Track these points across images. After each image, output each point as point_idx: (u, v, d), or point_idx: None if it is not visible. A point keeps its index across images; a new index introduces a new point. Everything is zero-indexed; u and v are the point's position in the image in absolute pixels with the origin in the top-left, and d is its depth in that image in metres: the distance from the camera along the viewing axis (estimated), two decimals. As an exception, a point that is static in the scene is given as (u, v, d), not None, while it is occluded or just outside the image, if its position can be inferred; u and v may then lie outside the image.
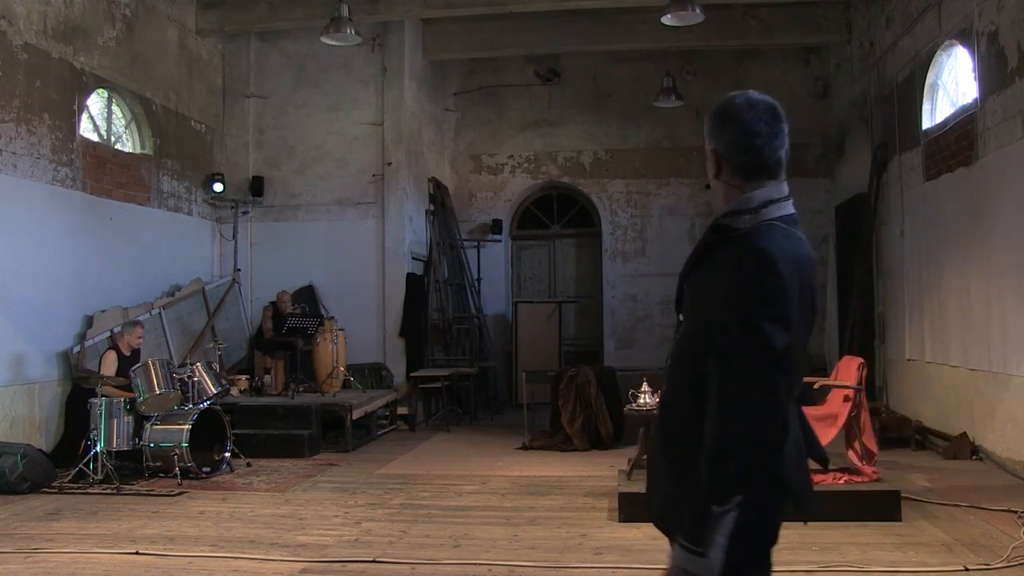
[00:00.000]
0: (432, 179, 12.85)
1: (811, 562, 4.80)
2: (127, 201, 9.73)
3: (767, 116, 2.11)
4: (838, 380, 6.60)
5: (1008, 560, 4.71)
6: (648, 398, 6.64)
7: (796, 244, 2.00)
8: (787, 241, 1.98)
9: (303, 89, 11.96)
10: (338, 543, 5.41)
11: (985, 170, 7.56)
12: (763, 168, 2.09)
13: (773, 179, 2.09)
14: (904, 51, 9.59)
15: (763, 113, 2.11)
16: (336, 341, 10.31)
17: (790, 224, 2.04)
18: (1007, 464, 7.24)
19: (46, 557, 5.16)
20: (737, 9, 11.57)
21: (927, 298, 9.01)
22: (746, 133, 2.08)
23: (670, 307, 13.12)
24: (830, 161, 13.20)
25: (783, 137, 2.12)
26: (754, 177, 2.08)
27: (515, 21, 11.93)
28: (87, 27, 9.11)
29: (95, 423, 7.22)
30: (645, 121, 13.61)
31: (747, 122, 2.09)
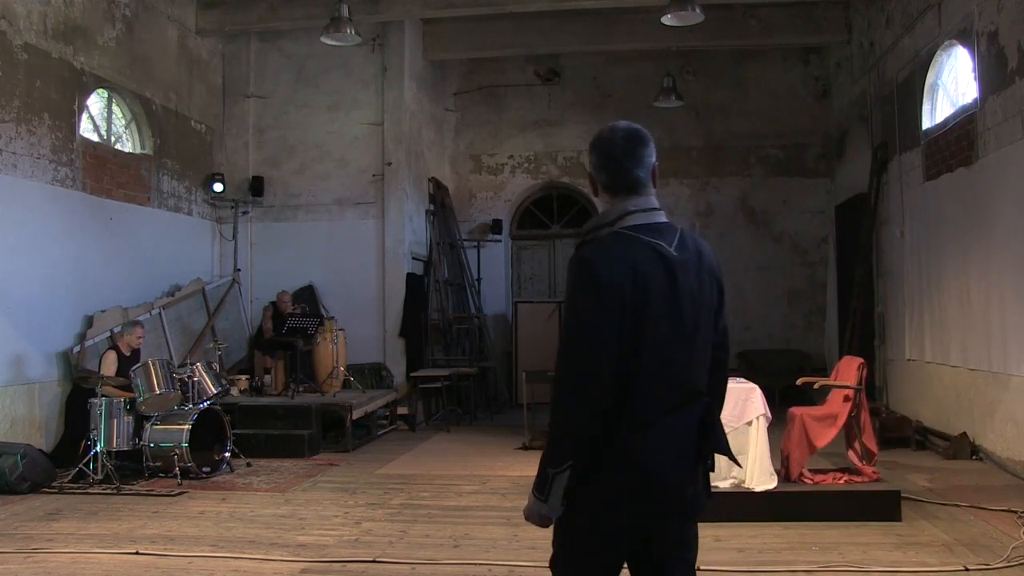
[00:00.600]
0: (432, 179, 12.85)
1: (811, 562, 4.80)
2: (127, 201, 9.73)
3: (624, 140, 2.43)
4: (838, 380, 6.60)
5: (1008, 560, 4.71)
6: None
7: (636, 250, 2.25)
8: (624, 248, 2.25)
9: (303, 89, 11.96)
10: (338, 543, 5.41)
11: (985, 170, 7.56)
12: (623, 185, 2.39)
13: (635, 194, 2.39)
14: (904, 51, 9.59)
15: (621, 138, 2.44)
16: (336, 341, 10.31)
17: (646, 232, 2.30)
18: (1007, 464, 7.24)
19: (46, 557, 5.16)
20: (737, 9, 11.57)
21: (927, 298, 9.01)
22: (604, 156, 2.42)
23: (670, 307, 12.99)
24: (830, 161, 13.21)
25: (641, 157, 2.42)
26: (618, 193, 2.40)
27: (515, 21, 11.93)
28: (87, 27, 9.11)
29: (95, 423, 7.22)
30: (645, 121, 13.08)
31: (606, 146, 2.43)
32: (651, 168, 2.44)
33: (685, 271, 2.30)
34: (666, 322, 2.24)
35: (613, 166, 2.41)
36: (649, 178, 2.43)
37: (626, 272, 2.21)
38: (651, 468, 2.22)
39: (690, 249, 2.36)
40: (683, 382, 2.29)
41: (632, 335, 2.20)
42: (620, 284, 2.19)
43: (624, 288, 2.19)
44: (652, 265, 2.25)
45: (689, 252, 2.35)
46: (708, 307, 2.37)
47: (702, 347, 2.36)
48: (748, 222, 13.53)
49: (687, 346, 2.29)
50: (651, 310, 2.22)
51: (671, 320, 2.25)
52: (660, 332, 2.23)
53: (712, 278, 2.40)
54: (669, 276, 2.26)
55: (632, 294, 2.20)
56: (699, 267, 2.35)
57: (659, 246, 2.29)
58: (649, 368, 2.22)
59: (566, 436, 2.21)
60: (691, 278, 2.32)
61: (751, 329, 13.38)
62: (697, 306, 2.32)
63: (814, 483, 6.05)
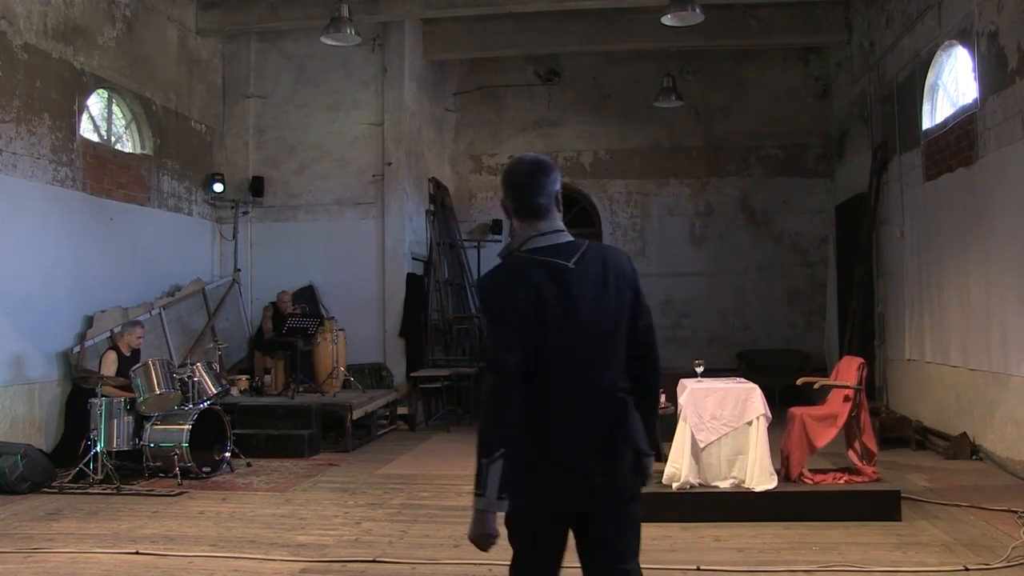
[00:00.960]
0: (432, 179, 12.85)
1: (811, 562, 4.80)
2: (127, 201, 9.73)
3: (527, 172, 2.65)
4: (838, 380, 6.60)
5: (1008, 560, 4.71)
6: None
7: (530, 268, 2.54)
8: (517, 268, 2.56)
9: (303, 89, 11.96)
10: (338, 543, 5.41)
11: (985, 170, 7.56)
12: (528, 211, 2.63)
13: (539, 219, 2.62)
14: (904, 51, 9.59)
15: (525, 170, 2.67)
16: (336, 341, 10.30)
17: (543, 253, 2.57)
18: (1007, 464, 7.24)
19: (46, 557, 5.16)
20: (737, 9, 11.56)
21: (927, 298, 9.01)
22: (511, 186, 2.66)
23: (670, 307, 13.16)
24: (830, 161, 13.21)
25: (543, 186, 2.63)
26: (525, 218, 2.64)
27: (515, 21, 11.93)
28: (87, 27, 9.11)
29: (95, 423, 7.22)
30: (645, 121, 13.61)
31: (512, 177, 2.67)
32: (554, 195, 2.65)
33: (583, 281, 2.55)
34: (566, 328, 2.51)
35: (519, 195, 2.65)
36: (552, 204, 2.64)
37: (519, 288, 2.50)
38: (561, 459, 2.49)
39: (593, 261, 2.59)
40: (593, 381, 2.54)
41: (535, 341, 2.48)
42: (514, 299, 2.49)
43: (517, 302, 2.48)
44: (544, 279, 2.52)
45: (590, 264, 2.58)
46: (617, 311, 2.60)
47: (612, 348, 2.59)
48: (748, 222, 13.53)
49: (592, 348, 2.55)
50: (547, 319, 2.49)
51: (571, 326, 2.51)
52: (560, 337, 2.50)
53: (623, 284, 2.62)
54: (562, 287, 2.52)
55: (525, 306, 2.48)
56: (603, 276, 2.59)
57: (553, 262, 2.55)
58: (556, 369, 2.50)
59: (493, 428, 2.45)
60: (590, 286, 2.56)
61: (751, 329, 13.39)
62: (601, 311, 2.56)
63: (814, 483, 6.05)
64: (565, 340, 2.50)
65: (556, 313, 2.50)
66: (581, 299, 2.53)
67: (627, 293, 2.64)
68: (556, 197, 2.66)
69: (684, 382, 6.33)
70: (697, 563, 4.81)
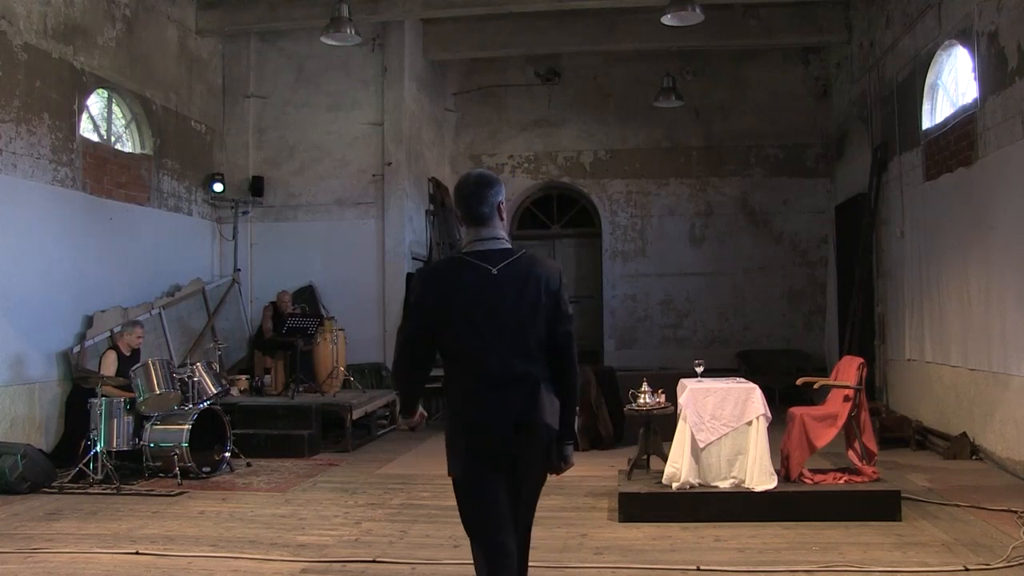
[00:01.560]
0: (432, 179, 12.85)
1: (811, 562, 4.80)
2: (127, 201, 9.73)
3: (472, 184, 3.10)
4: (838, 380, 6.60)
5: (1008, 560, 4.71)
6: (648, 398, 6.63)
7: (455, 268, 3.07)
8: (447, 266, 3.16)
9: (303, 89, 11.96)
10: (338, 543, 5.41)
11: (985, 170, 7.56)
12: (470, 218, 3.11)
13: (482, 226, 3.09)
14: (904, 51, 9.59)
15: (471, 183, 3.11)
16: (336, 341, 10.30)
17: (476, 256, 3.04)
18: (1007, 464, 7.24)
19: (46, 557, 5.16)
20: (737, 9, 11.56)
21: (927, 298, 9.01)
22: (458, 196, 3.13)
23: (670, 307, 13.17)
24: (830, 161, 13.21)
25: (486, 197, 3.08)
26: (470, 224, 3.12)
27: (515, 21, 11.93)
28: (87, 27, 9.11)
29: (95, 423, 7.22)
30: (645, 121, 13.61)
31: (460, 189, 3.13)
32: (496, 205, 3.09)
33: (500, 284, 2.99)
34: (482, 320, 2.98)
35: (464, 205, 3.10)
36: (494, 213, 3.10)
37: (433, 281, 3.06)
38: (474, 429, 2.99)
39: (517, 269, 3.03)
40: (501, 369, 2.98)
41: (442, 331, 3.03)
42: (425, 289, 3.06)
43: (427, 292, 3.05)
44: (467, 279, 3.01)
45: (513, 270, 3.03)
46: (531, 311, 3.01)
47: (523, 340, 3.01)
48: (748, 222, 13.53)
49: (504, 339, 2.98)
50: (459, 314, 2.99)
51: (486, 319, 2.98)
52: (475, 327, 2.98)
53: (542, 291, 3.03)
54: (482, 287, 2.99)
55: (434, 295, 3.03)
56: (523, 282, 3.01)
57: (480, 266, 3.02)
58: (467, 356, 3.01)
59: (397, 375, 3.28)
60: (506, 289, 2.99)
61: (751, 329, 13.39)
62: (512, 310, 2.99)
63: (814, 483, 6.05)
64: (480, 330, 2.98)
65: (469, 310, 2.98)
66: (496, 298, 2.99)
67: (543, 299, 3.03)
68: (498, 207, 3.10)
69: (684, 382, 6.33)
70: (697, 563, 4.81)
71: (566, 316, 3.09)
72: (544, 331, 3.04)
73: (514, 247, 3.11)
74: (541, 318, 3.02)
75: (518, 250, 3.10)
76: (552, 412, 3.03)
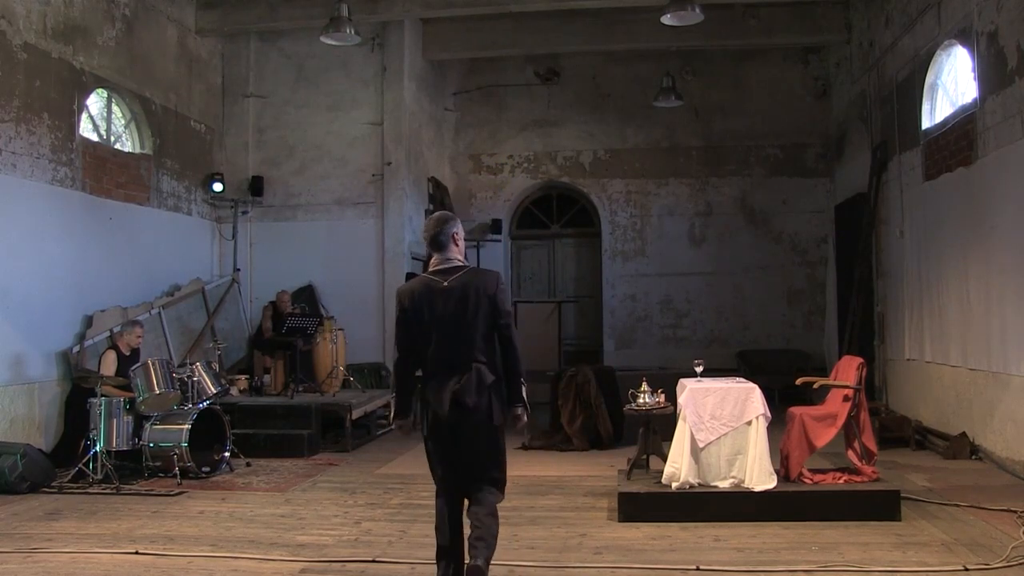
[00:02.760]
0: (432, 179, 12.85)
1: (811, 562, 4.80)
2: (127, 201, 9.73)
3: (433, 222, 4.20)
4: (838, 380, 6.59)
5: (1007, 560, 4.71)
6: (648, 398, 6.63)
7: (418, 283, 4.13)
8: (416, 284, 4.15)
9: (303, 89, 11.96)
10: (338, 543, 5.41)
11: (985, 170, 7.56)
12: (434, 245, 4.16)
13: (440, 251, 4.15)
14: (904, 51, 9.59)
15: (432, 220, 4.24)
16: (336, 341, 10.30)
17: (434, 275, 4.10)
18: (1006, 464, 7.25)
19: (46, 557, 5.16)
20: (737, 9, 11.56)
21: (927, 298, 9.01)
22: (425, 230, 4.25)
23: (670, 307, 13.14)
24: (830, 161, 13.22)
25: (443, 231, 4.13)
26: (433, 250, 4.18)
27: (515, 21, 11.94)
28: (87, 27, 9.11)
29: (95, 423, 7.22)
30: (645, 121, 13.61)
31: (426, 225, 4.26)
32: (451, 235, 4.12)
33: (448, 293, 4.02)
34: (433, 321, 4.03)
35: (429, 236, 4.17)
36: (449, 241, 4.12)
37: (407, 297, 4.11)
38: (431, 402, 4.06)
39: (462, 280, 4.04)
40: (450, 356, 4.03)
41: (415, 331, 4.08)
42: (403, 304, 4.11)
43: (405, 306, 4.10)
44: (426, 291, 4.07)
45: (459, 282, 4.04)
46: (474, 312, 4.01)
47: (467, 334, 4.02)
48: (748, 222, 13.53)
49: (450, 333, 4.02)
50: (422, 317, 4.04)
51: (436, 320, 4.02)
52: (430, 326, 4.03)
53: (482, 296, 4.02)
54: (434, 296, 4.04)
55: (409, 308, 4.09)
56: (465, 291, 4.02)
57: (434, 280, 4.07)
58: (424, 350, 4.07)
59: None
60: (452, 296, 4.02)
61: (750, 329, 13.40)
62: (456, 312, 4.01)
63: (814, 483, 6.05)
64: (433, 328, 4.03)
65: (429, 315, 4.04)
66: (444, 304, 4.02)
67: (484, 302, 4.02)
68: (453, 237, 4.13)
69: (683, 382, 6.33)
70: (697, 563, 4.81)
71: (503, 312, 4.08)
72: (486, 325, 4.04)
73: (463, 265, 4.13)
74: (481, 316, 4.03)
75: (465, 267, 4.13)
76: (480, 389, 3.99)
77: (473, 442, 4.04)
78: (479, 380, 3.99)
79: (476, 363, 4.00)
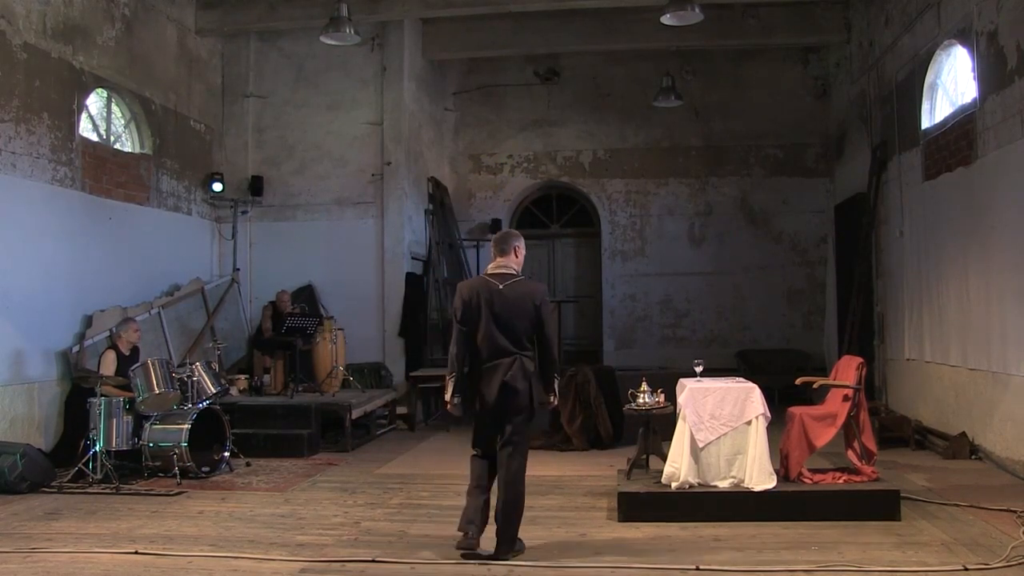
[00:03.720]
0: (431, 179, 12.85)
1: (811, 562, 4.80)
2: (126, 201, 9.73)
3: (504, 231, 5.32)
4: (837, 380, 6.59)
5: (1007, 560, 4.71)
6: (647, 398, 6.63)
7: (478, 282, 5.11)
8: (475, 282, 5.15)
9: (302, 89, 11.96)
10: (337, 543, 5.41)
11: (985, 170, 7.56)
12: (497, 249, 5.18)
13: (502, 256, 5.14)
14: (903, 51, 9.59)
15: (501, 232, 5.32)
16: (335, 341, 10.30)
17: (493, 277, 5.07)
18: (1006, 464, 7.25)
19: (45, 557, 5.16)
20: (737, 9, 11.57)
21: (927, 298, 9.01)
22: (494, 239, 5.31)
23: (670, 307, 13.13)
24: (830, 161, 13.22)
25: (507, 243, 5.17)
26: (496, 254, 5.18)
27: (515, 21, 11.94)
28: (86, 27, 9.11)
29: (94, 423, 7.22)
30: (644, 121, 13.61)
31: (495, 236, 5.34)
32: (513, 247, 5.16)
33: (503, 296, 4.98)
34: (488, 316, 4.96)
35: (496, 243, 5.22)
36: (511, 250, 5.15)
37: (465, 293, 5.04)
38: (480, 389, 4.99)
39: (515, 288, 5.02)
40: (499, 349, 4.96)
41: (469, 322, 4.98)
42: (463, 297, 5.02)
43: (464, 299, 5.01)
44: (484, 290, 5.00)
45: (512, 289, 5.01)
46: (520, 314, 4.98)
47: (516, 335, 4.99)
48: (748, 222, 13.53)
49: (500, 328, 4.96)
50: (478, 313, 4.96)
51: (493, 318, 4.96)
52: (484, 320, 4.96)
53: (527, 300, 5.00)
54: (491, 296, 4.98)
55: (468, 301, 4.99)
56: (517, 295, 5.00)
57: (492, 283, 5.04)
58: (481, 342, 4.97)
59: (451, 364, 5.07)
60: (507, 299, 4.98)
61: (750, 329, 13.39)
62: (507, 312, 4.97)
63: (813, 483, 6.05)
64: (487, 323, 4.96)
65: (484, 308, 4.97)
66: (499, 305, 4.97)
67: (531, 308, 4.99)
68: (515, 249, 5.16)
69: (683, 382, 6.33)
70: (696, 563, 4.81)
71: (544, 321, 5.04)
72: (530, 327, 5.01)
73: (517, 275, 5.09)
74: (527, 319, 4.99)
75: (520, 277, 5.10)
76: (525, 377, 4.95)
77: (513, 419, 4.95)
78: (523, 370, 4.93)
79: (521, 355, 4.96)
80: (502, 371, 4.89)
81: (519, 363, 4.91)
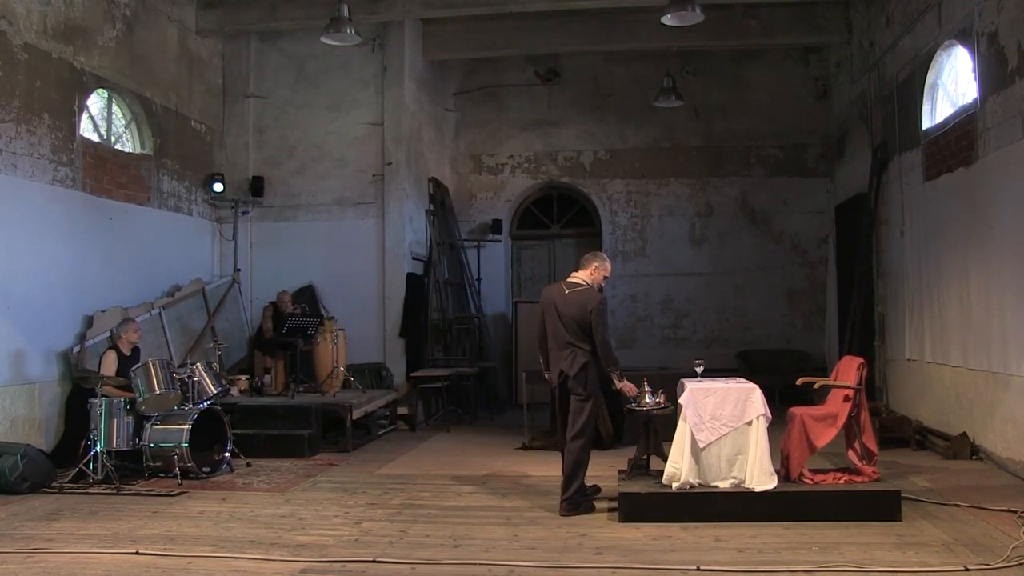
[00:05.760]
0: (432, 179, 12.85)
1: (811, 562, 4.80)
2: (127, 201, 9.73)
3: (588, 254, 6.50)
4: (838, 380, 6.60)
5: (1008, 560, 4.71)
6: (648, 398, 6.63)
7: (554, 287, 6.43)
8: (553, 287, 6.46)
9: (303, 89, 11.96)
10: (338, 543, 5.41)
11: (985, 170, 7.56)
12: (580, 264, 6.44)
13: (577, 269, 6.37)
14: (904, 51, 9.59)
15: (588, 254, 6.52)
16: (336, 341, 10.30)
17: (566, 284, 6.30)
18: (1007, 464, 7.24)
19: (46, 557, 5.16)
20: (737, 9, 11.57)
21: (927, 298, 9.01)
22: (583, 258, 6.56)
23: (670, 307, 13.14)
24: (830, 161, 13.22)
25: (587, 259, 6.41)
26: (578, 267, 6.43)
27: (515, 21, 11.93)
28: (87, 27, 9.11)
29: (95, 423, 7.22)
30: (645, 121, 13.62)
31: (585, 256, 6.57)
32: (591, 265, 6.32)
33: (565, 300, 6.17)
34: (555, 316, 6.18)
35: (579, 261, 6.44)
36: (588, 266, 6.32)
37: (543, 296, 6.41)
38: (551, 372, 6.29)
39: (576, 295, 6.15)
40: (562, 337, 6.14)
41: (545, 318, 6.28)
42: (544, 298, 6.38)
43: (542, 301, 6.37)
44: (558, 294, 6.23)
45: (574, 297, 6.15)
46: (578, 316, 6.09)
47: (574, 331, 6.10)
48: (748, 222, 13.53)
49: (564, 328, 6.13)
50: (550, 311, 6.22)
51: (558, 316, 6.16)
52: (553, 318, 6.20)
53: (584, 308, 6.08)
54: (558, 300, 6.19)
55: (544, 301, 6.32)
56: (576, 301, 6.13)
57: (562, 289, 6.23)
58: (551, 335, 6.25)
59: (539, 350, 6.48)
60: (569, 302, 6.14)
61: (751, 329, 13.40)
62: (569, 313, 6.12)
63: (814, 483, 6.05)
64: (553, 319, 6.20)
65: (554, 309, 6.21)
66: (563, 307, 6.17)
67: (585, 312, 6.07)
68: (591, 268, 6.30)
69: (684, 382, 6.33)
70: (697, 563, 4.81)
71: (596, 324, 6.07)
72: (586, 326, 6.07)
73: (582, 285, 6.22)
74: (582, 320, 6.08)
75: (584, 287, 6.20)
76: (577, 365, 6.07)
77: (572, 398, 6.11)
78: (576, 359, 6.06)
79: (576, 348, 6.07)
80: (561, 359, 6.10)
81: (574, 354, 6.05)
